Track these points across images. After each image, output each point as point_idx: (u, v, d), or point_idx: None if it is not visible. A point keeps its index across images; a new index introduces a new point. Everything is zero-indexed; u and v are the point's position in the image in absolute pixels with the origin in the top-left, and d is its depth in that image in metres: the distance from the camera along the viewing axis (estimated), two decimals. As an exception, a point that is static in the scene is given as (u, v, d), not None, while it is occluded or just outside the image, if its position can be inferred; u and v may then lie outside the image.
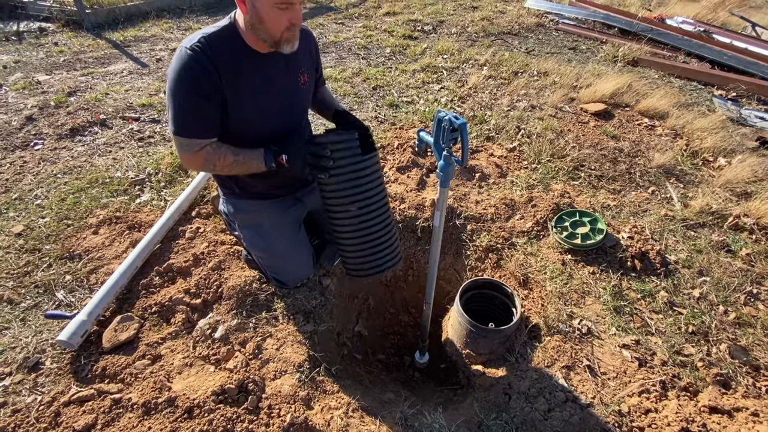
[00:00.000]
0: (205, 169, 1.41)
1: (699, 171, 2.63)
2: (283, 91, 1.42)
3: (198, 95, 1.24)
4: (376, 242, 1.46)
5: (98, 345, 1.54)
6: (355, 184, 1.37)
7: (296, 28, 1.25)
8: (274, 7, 1.16)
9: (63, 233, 2.02)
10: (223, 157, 1.34)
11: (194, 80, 1.22)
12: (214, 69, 1.23)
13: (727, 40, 4.88)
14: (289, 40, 1.26)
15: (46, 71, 3.84)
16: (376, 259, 1.49)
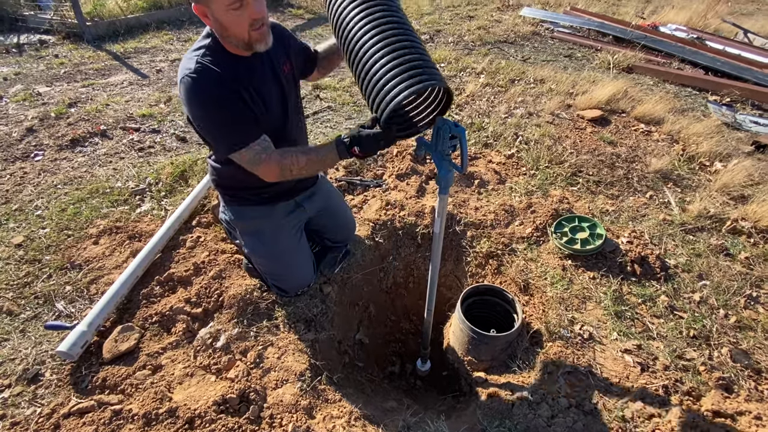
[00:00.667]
0: (284, 176, 1.36)
1: (696, 175, 2.65)
2: (277, 84, 1.42)
3: (224, 106, 1.26)
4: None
5: (98, 356, 1.53)
6: None
7: (260, 22, 1.20)
8: (228, 9, 1.14)
9: (63, 244, 2.02)
10: (296, 161, 1.33)
11: (214, 96, 1.24)
12: (224, 80, 1.25)
13: (720, 47, 4.95)
14: (260, 39, 1.23)
15: (47, 83, 3.87)
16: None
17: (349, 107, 3.45)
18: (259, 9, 1.19)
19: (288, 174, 1.35)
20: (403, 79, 1.06)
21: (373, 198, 2.36)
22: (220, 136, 1.32)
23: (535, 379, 1.53)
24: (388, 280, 2.22)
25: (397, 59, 1.07)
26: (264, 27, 1.23)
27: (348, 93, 3.71)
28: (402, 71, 1.06)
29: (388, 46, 1.08)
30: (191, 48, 1.30)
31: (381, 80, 1.08)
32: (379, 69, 1.08)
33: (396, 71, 1.06)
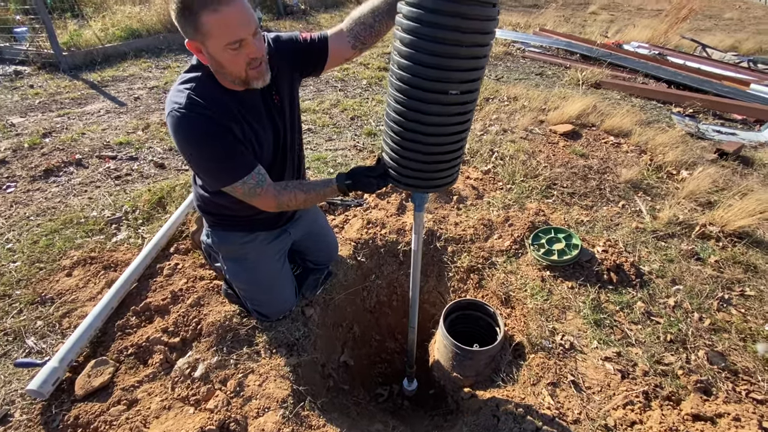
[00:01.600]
0: (281, 209, 1.37)
1: (664, 184, 2.75)
2: (270, 120, 1.38)
3: (215, 142, 1.22)
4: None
5: (71, 392, 1.47)
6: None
7: (258, 61, 1.17)
8: (227, 49, 1.11)
9: (35, 277, 1.96)
10: (294, 198, 1.33)
11: (203, 132, 1.20)
12: (214, 115, 1.21)
13: (681, 61, 5.23)
14: (257, 77, 1.20)
15: (21, 114, 3.81)
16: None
17: (329, 129, 3.50)
18: (258, 48, 1.15)
19: (285, 207, 1.36)
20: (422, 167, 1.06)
21: (354, 217, 2.37)
22: (211, 172, 1.28)
23: (520, 392, 1.53)
24: (372, 299, 2.21)
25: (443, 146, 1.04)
26: (262, 65, 1.20)
27: (327, 115, 3.76)
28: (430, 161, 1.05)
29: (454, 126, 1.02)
30: (179, 79, 1.25)
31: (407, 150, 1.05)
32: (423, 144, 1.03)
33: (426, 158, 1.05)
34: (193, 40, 1.12)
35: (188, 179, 2.68)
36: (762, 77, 4.77)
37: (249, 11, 1.12)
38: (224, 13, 1.06)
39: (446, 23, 0.86)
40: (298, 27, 7.28)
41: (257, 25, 1.15)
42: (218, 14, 1.06)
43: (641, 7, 10.41)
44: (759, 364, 1.60)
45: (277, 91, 1.37)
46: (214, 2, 1.05)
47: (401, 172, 1.12)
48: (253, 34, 1.13)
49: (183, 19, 1.08)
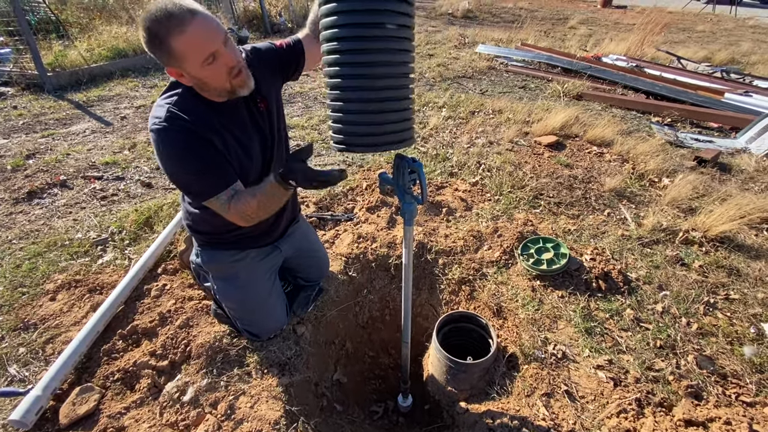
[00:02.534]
0: (248, 222, 1.31)
1: (647, 191, 2.82)
2: (256, 128, 1.39)
3: (194, 157, 1.22)
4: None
5: (55, 422, 1.42)
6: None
7: (237, 68, 1.19)
8: (204, 65, 1.13)
9: (17, 302, 1.91)
10: (248, 205, 1.26)
11: (183, 146, 1.20)
12: (195, 128, 1.22)
13: (658, 73, 5.42)
14: (242, 85, 1.22)
15: (4, 135, 3.76)
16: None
17: (318, 145, 3.52)
18: (233, 55, 1.18)
19: (249, 219, 1.30)
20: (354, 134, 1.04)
21: (344, 232, 2.37)
22: (190, 185, 1.29)
23: (515, 404, 1.53)
24: (364, 315, 2.20)
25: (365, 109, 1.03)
26: (242, 72, 1.22)
27: (316, 131, 3.79)
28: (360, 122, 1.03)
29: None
30: (162, 95, 1.27)
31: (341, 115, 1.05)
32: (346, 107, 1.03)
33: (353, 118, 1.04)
34: (172, 67, 1.15)
35: (176, 198, 2.66)
36: (735, 86, 4.97)
37: (213, 22, 1.14)
38: (190, 31, 1.09)
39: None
40: (285, 45, 7.36)
41: (225, 33, 1.17)
42: (185, 35, 1.09)
43: (617, 21, 10.80)
44: (746, 366, 1.62)
45: (262, 98, 1.40)
46: (178, 24, 1.08)
47: (354, 133, 1.06)
48: (224, 43, 1.16)
49: (155, 49, 1.11)
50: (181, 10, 1.08)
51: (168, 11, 1.07)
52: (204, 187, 1.26)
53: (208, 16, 1.13)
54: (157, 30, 1.08)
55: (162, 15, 1.07)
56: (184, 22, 1.08)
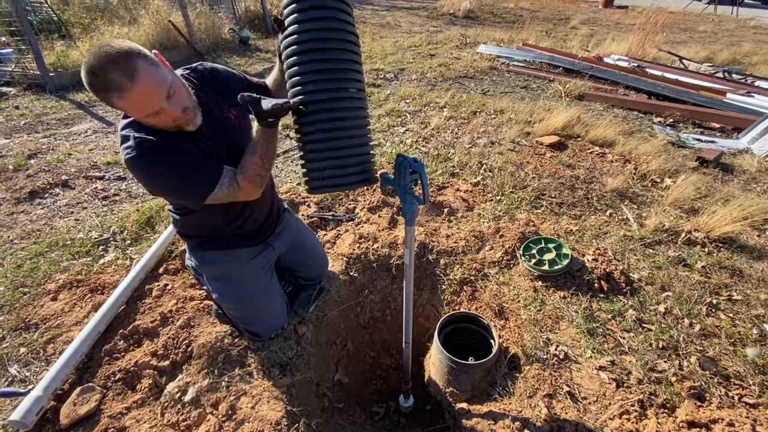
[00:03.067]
0: (262, 185, 1.34)
1: (649, 192, 2.81)
2: (225, 135, 1.39)
3: (174, 164, 1.24)
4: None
5: (55, 422, 1.42)
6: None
7: (185, 116, 1.20)
8: (148, 117, 1.16)
9: (18, 302, 1.91)
10: (254, 166, 1.29)
11: (159, 161, 1.22)
12: (167, 144, 1.23)
13: (659, 73, 5.40)
14: (187, 123, 1.23)
15: (6, 135, 3.76)
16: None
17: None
18: (178, 108, 1.17)
19: (262, 180, 1.32)
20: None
21: (345, 232, 2.37)
22: (184, 191, 1.30)
23: (517, 405, 1.52)
24: (366, 315, 2.20)
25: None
26: (188, 113, 1.22)
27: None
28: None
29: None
30: (120, 125, 1.27)
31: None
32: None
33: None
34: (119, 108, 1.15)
35: (177, 198, 2.66)
36: (737, 87, 4.95)
37: (157, 81, 1.12)
38: (130, 97, 1.09)
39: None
40: (286, 45, 7.36)
41: (169, 86, 1.14)
42: (125, 99, 1.09)
43: (619, 22, 10.79)
44: (749, 368, 1.61)
45: (231, 107, 1.42)
46: (117, 89, 1.07)
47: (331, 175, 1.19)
48: (168, 98, 1.15)
49: (98, 99, 1.13)
50: (120, 76, 1.06)
51: (107, 78, 1.05)
52: (197, 189, 1.27)
53: (150, 75, 1.10)
54: (96, 89, 1.08)
55: (101, 80, 1.05)
56: (123, 89, 1.07)
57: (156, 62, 1.15)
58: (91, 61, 1.06)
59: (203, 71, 1.42)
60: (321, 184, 1.19)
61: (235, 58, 6.49)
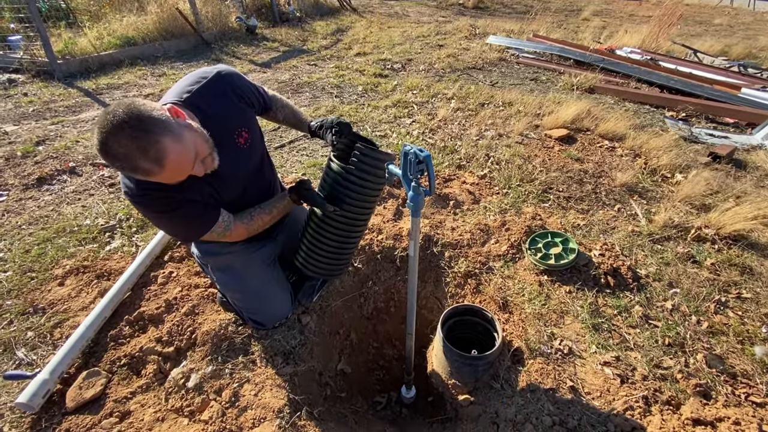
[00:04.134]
0: (251, 234, 1.51)
1: (659, 187, 2.77)
2: (234, 168, 1.38)
3: (175, 214, 1.27)
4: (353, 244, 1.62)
5: (61, 405, 1.44)
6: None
7: (205, 167, 1.20)
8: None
9: (26, 287, 1.93)
10: (260, 220, 1.49)
11: (162, 210, 1.25)
12: (170, 194, 1.23)
13: (673, 66, 5.29)
14: (205, 171, 1.22)
15: (14, 122, 3.79)
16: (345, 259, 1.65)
17: (324, 135, 3.49)
18: (201, 168, 1.18)
19: (254, 232, 1.51)
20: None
21: (350, 223, 2.36)
22: (179, 236, 1.42)
23: (519, 399, 1.52)
24: (369, 306, 2.19)
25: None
26: (208, 162, 1.21)
27: (323, 121, 3.76)
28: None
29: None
30: None
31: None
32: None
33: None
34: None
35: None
36: (752, 81, 4.83)
37: (185, 158, 1.09)
38: (157, 177, 1.08)
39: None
40: (294, 34, 7.31)
41: (194, 155, 1.13)
42: (152, 178, 1.08)
43: (633, 14, 10.55)
44: (757, 366, 1.59)
45: (245, 129, 1.41)
46: (144, 174, 1.05)
47: (331, 266, 1.60)
48: (193, 165, 1.14)
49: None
50: (149, 163, 1.02)
51: (134, 164, 1.02)
52: (191, 234, 1.38)
53: (178, 156, 1.07)
54: (122, 169, 1.05)
55: (128, 165, 1.02)
56: (152, 174, 1.05)
57: (178, 133, 1.07)
58: (111, 141, 0.98)
59: (223, 84, 1.34)
60: (315, 272, 1.59)
61: (241, 47, 6.45)
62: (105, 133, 0.98)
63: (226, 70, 1.36)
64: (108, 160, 1.02)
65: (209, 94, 1.29)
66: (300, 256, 1.59)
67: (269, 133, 3.58)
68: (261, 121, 1.61)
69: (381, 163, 1.40)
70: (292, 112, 1.65)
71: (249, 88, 1.44)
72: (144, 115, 1.01)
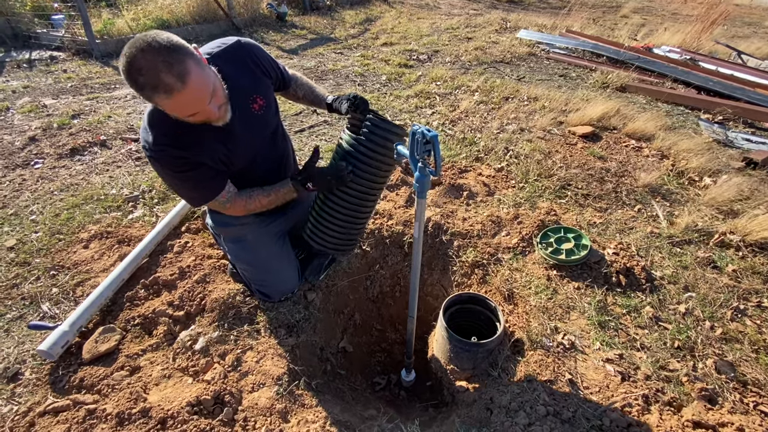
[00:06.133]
0: (248, 213, 1.54)
1: (685, 190, 2.66)
2: (247, 131, 1.41)
3: (187, 177, 1.31)
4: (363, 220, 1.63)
5: (78, 356, 1.53)
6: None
7: (219, 113, 1.21)
8: (183, 117, 1.16)
9: (54, 247, 2.06)
10: (258, 202, 1.50)
11: (175, 170, 1.29)
12: (185, 154, 1.27)
13: (713, 67, 5.03)
14: (217, 120, 1.23)
15: (53, 96, 3.99)
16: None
17: (344, 122, 3.52)
18: (215, 108, 1.17)
19: (252, 211, 1.53)
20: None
21: (362, 208, 2.38)
22: (185, 197, 1.45)
23: (515, 388, 1.51)
24: (375, 289, 2.22)
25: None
26: (222, 110, 1.22)
27: (344, 108, 3.78)
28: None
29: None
30: (147, 113, 1.26)
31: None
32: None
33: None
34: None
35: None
36: (801, 86, 4.53)
37: (204, 86, 1.10)
38: (176, 99, 1.07)
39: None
40: (323, 22, 7.35)
41: (212, 89, 1.14)
42: (170, 100, 1.07)
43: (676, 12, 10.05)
44: (771, 376, 1.53)
45: (260, 96, 1.43)
46: (165, 91, 1.03)
47: (342, 240, 1.61)
48: (209, 101, 1.14)
49: (135, 92, 1.08)
50: (172, 78, 1.02)
51: (157, 78, 1.01)
52: (198, 199, 1.42)
53: (199, 79, 1.08)
54: (139, 86, 1.03)
55: (150, 79, 1.01)
56: (173, 91, 1.04)
57: (202, 62, 1.12)
58: (138, 56, 0.99)
59: (242, 51, 1.39)
60: (322, 245, 1.60)
61: (271, 33, 6.54)
62: (134, 48, 1.00)
63: (246, 40, 1.43)
64: (132, 75, 1.01)
65: (228, 58, 1.35)
66: (308, 228, 1.60)
67: (290, 117, 3.63)
68: (284, 105, 1.64)
69: (391, 135, 1.40)
70: (310, 89, 1.68)
71: (267, 59, 1.48)
72: (173, 38, 1.07)
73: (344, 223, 1.54)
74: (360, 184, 1.45)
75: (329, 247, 1.60)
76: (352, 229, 1.58)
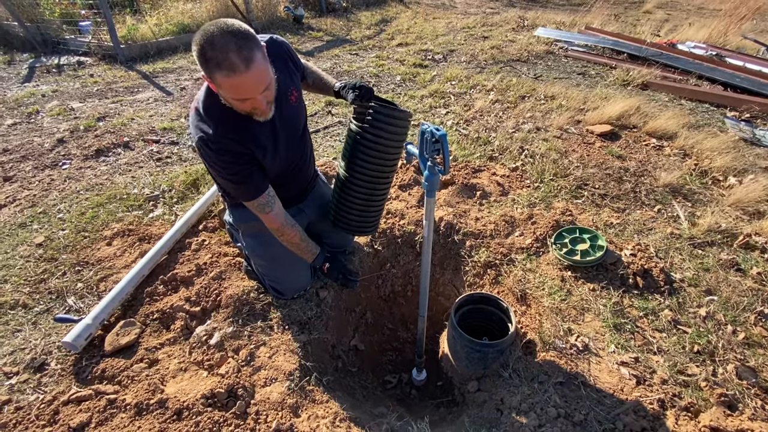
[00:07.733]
0: (277, 234, 1.58)
1: (708, 190, 2.57)
2: (288, 124, 1.51)
3: (236, 172, 1.37)
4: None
5: (100, 348, 1.60)
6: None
7: (266, 109, 1.28)
8: (235, 100, 1.22)
9: (79, 244, 2.15)
10: (292, 234, 1.57)
11: (226, 165, 1.34)
12: (242, 149, 1.35)
13: (740, 63, 4.84)
14: (260, 115, 1.31)
15: (81, 99, 4.16)
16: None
17: (358, 122, 3.54)
18: (264, 102, 1.25)
19: (278, 235, 1.57)
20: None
21: (374, 207, 2.40)
22: (231, 192, 1.51)
23: (526, 389, 1.50)
24: (387, 288, 2.23)
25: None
26: (269, 107, 1.31)
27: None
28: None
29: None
30: (202, 101, 1.33)
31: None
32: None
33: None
34: (209, 79, 1.20)
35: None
36: (836, 82, 4.32)
37: (263, 76, 1.18)
38: (236, 79, 1.14)
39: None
40: (339, 24, 7.41)
41: (269, 82, 1.23)
42: (230, 79, 1.14)
43: (702, 7, 9.71)
44: (797, 384, 1.47)
45: (295, 88, 1.52)
46: (229, 69, 1.11)
47: (361, 221, 1.72)
48: (263, 92, 1.22)
49: (200, 65, 1.16)
50: (238, 59, 1.10)
51: (226, 54, 1.09)
52: (241, 195, 1.46)
53: (261, 68, 1.17)
54: (206, 59, 1.11)
55: (219, 54, 1.09)
56: (236, 71, 1.11)
57: (267, 57, 1.22)
58: (215, 32, 1.09)
59: (278, 48, 1.48)
60: (345, 226, 1.73)
61: (287, 36, 6.64)
62: (213, 27, 1.10)
63: (277, 36, 1.51)
64: (203, 49, 1.10)
65: (267, 53, 1.39)
66: (332, 211, 1.74)
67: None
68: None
69: (394, 120, 1.45)
70: (318, 76, 1.72)
71: (295, 54, 1.58)
72: (249, 29, 1.16)
73: (362, 204, 1.66)
74: (371, 169, 1.56)
75: (352, 228, 1.72)
76: (369, 209, 1.69)
